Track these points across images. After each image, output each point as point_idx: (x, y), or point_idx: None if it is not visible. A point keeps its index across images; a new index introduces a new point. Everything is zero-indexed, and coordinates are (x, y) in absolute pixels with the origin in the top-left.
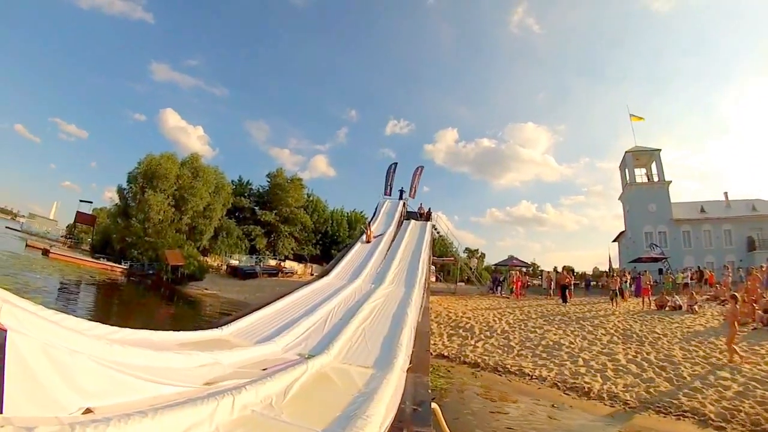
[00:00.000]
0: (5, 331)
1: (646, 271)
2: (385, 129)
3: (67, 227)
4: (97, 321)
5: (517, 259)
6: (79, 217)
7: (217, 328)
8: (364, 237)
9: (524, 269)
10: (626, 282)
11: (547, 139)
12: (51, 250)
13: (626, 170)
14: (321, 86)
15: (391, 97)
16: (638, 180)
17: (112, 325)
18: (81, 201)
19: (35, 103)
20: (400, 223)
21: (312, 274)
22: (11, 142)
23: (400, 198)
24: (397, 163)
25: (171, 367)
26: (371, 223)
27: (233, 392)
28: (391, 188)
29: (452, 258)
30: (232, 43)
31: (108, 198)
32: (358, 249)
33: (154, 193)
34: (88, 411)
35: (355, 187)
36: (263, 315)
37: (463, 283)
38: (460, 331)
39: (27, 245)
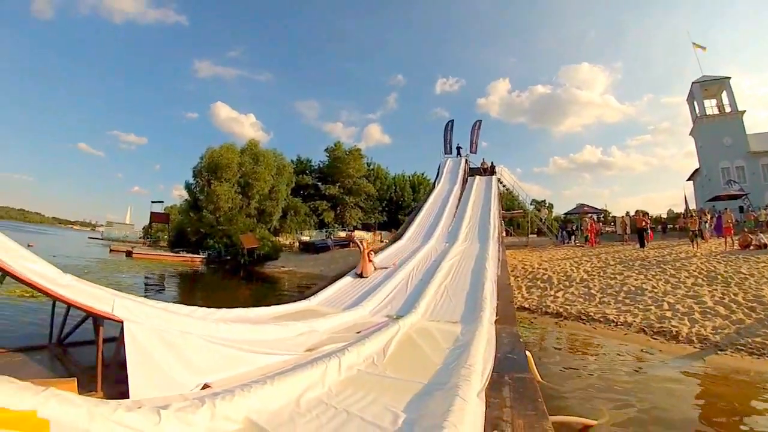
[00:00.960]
0: (121, 322)
1: (726, 209)
2: (435, 88)
3: (143, 228)
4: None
5: (587, 205)
6: (154, 216)
7: (304, 299)
8: (357, 269)
9: (596, 216)
10: (706, 222)
11: (605, 79)
12: (134, 251)
13: (695, 103)
14: (363, 56)
15: (436, 57)
16: (709, 112)
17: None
18: (153, 202)
19: (92, 120)
20: (464, 180)
21: (382, 241)
22: (78, 160)
23: (458, 155)
24: (453, 120)
25: (273, 339)
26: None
27: (338, 354)
28: (450, 146)
29: (521, 211)
30: (269, 27)
31: (177, 195)
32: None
33: (219, 184)
34: (206, 386)
35: (412, 150)
36: (345, 283)
37: (534, 236)
38: (538, 282)
39: (111, 250)
